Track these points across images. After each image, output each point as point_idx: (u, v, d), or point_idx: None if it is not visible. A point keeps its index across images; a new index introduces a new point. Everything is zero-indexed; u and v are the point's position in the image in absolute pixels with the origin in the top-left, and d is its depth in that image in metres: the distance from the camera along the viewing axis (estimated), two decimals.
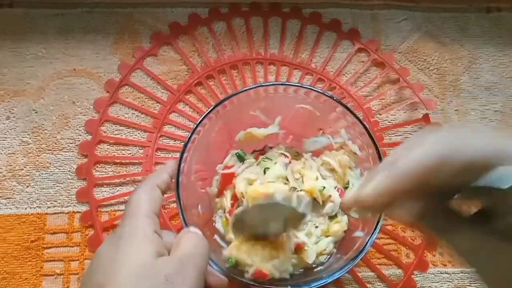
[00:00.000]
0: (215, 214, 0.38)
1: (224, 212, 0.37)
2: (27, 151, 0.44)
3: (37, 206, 0.43)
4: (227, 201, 0.37)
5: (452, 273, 0.43)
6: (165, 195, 0.31)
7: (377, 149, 0.33)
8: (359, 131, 0.35)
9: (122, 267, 0.24)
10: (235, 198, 0.37)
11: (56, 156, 0.44)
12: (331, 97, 0.35)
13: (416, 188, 0.20)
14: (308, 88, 0.36)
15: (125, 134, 0.45)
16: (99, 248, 0.26)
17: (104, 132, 0.45)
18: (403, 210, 0.21)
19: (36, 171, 0.44)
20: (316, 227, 0.36)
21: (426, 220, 0.21)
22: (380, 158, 0.33)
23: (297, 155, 0.39)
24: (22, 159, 0.44)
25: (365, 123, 0.34)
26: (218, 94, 0.47)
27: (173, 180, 0.33)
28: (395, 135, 0.47)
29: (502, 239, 0.19)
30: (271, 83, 0.37)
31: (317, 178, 0.36)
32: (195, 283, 0.25)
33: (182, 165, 0.33)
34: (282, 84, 0.37)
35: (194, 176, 0.37)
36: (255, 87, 0.35)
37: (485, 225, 0.20)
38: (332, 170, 0.38)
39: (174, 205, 0.42)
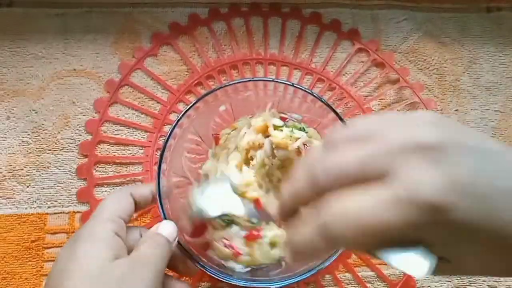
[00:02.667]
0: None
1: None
2: (27, 151, 0.44)
3: (37, 206, 0.43)
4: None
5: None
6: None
7: None
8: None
9: (76, 271, 0.24)
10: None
11: (56, 156, 0.44)
12: (306, 90, 0.35)
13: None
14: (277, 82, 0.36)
15: (125, 134, 0.45)
16: (60, 250, 0.26)
17: (104, 132, 0.45)
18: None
19: (36, 171, 0.44)
20: None
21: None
22: None
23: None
24: (22, 159, 0.44)
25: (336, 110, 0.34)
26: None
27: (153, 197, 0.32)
28: None
29: None
30: (233, 82, 0.36)
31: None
32: (151, 284, 0.24)
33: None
34: (251, 80, 0.37)
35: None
36: (217, 89, 0.35)
37: None
38: None
39: None
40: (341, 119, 0.34)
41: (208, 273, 0.30)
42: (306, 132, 0.37)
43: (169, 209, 0.32)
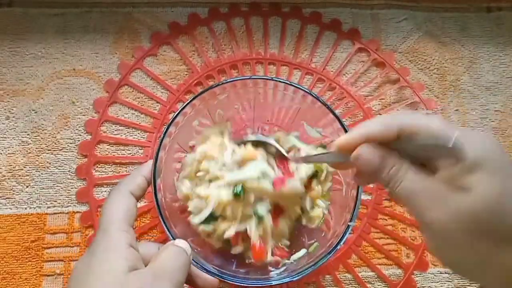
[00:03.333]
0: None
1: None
2: (26, 151, 0.44)
3: (37, 206, 0.43)
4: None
5: (452, 273, 0.43)
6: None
7: None
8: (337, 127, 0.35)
9: (93, 284, 0.24)
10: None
11: (56, 156, 0.44)
12: (308, 92, 0.35)
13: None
14: (282, 82, 0.35)
15: (124, 134, 0.45)
16: (75, 263, 0.26)
17: (104, 132, 0.45)
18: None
19: (36, 171, 0.44)
20: None
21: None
22: None
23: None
24: (22, 159, 0.44)
25: (342, 120, 0.34)
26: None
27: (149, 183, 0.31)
28: None
29: (448, 188, 0.22)
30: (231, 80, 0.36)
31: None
32: None
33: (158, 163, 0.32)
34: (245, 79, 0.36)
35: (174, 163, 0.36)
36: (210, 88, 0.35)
37: (431, 175, 0.23)
38: None
39: None
40: (339, 120, 0.34)
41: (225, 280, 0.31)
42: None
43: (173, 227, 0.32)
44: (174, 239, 0.30)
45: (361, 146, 0.24)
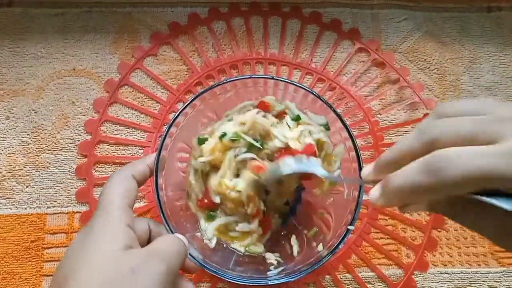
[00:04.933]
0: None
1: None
2: (26, 151, 0.44)
3: (36, 206, 0.43)
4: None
5: (452, 273, 0.43)
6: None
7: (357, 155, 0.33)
8: (339, 127, 0.35)
9: (88, 261, 0.24)
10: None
11: (55, 156, 0.44)
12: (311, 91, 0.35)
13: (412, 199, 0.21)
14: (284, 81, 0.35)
15: (124, 134, 0.45)
16: (73, 240, 0.26)
17: (104, 132, 0.45)
18: (407, 210, 0.23)
19: (36, 171, 0.44)
20: None
21: (435, 211, 0.23)
22: (359, 167, 0.33)
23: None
24: (22, 159, 0.44)
25: (344, 119, 0.34)
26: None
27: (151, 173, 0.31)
28: (396, 135, 0.47)
29: None
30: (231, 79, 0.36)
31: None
32: (162, 279, 0.24)
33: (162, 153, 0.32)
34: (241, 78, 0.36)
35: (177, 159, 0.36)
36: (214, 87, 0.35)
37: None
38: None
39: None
40: (340, 117, 0.34)
41: (209, 272, 0.31)
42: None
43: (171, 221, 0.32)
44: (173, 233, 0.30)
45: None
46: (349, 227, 0.31)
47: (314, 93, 0.35)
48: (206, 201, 0.35)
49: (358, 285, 0.42)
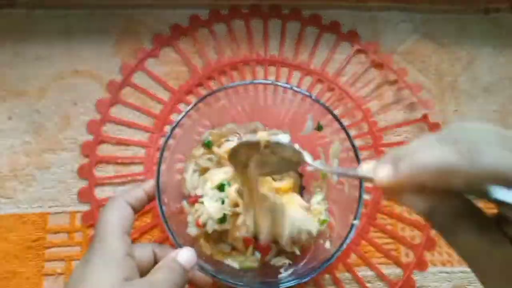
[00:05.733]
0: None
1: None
2: (29, 151, 0.44)
3: (38, 206, 0.43)
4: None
5: (452, 272, 0.43)
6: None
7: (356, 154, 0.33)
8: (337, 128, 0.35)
9: None
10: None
11: (57, 156, 0.44)
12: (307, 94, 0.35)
13: (419, 189, 0.19)
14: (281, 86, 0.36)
15: (126, 134, 0.46)
16: (72, 271, 0.26)
17: (106, 132, 0.45)
18: (410, 202, 0.21)
19: (38, 171, 0.44)
20: None
21: (432, 217, 0.21)
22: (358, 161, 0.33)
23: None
24: (24, 159, 0.44)
25: (341, 121, 0.34)
26: None
27: (150, 198, 0.32)
28: (394, 136, 0.47)
29: None
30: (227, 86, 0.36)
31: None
32: None
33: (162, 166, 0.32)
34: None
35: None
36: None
37: (495, 230, 0.19)
38: None
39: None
40: (338, 120, 0.34)
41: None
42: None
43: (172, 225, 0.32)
44: (181, 247, 0.30)
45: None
46: (354, 222, 0.31)
47: (313, 97, 0.35)
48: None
49: (357, 284, 0.42)
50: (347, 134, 0.34)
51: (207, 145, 0.39)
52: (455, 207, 0.20)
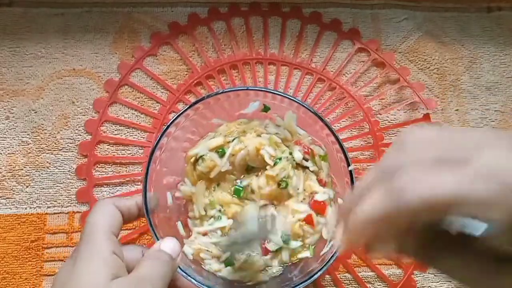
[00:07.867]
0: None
1: None
2: (26, 151, 0.44)
3: (37, 206, 0.43)
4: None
5: None
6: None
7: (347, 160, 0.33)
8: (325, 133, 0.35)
9: None
10: None
11: (55, 156, 0.44)
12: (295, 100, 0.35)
13: (375, 238, 0.20)
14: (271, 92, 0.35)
15: (125, 134, 0.45)
16: (58, 271, 0.26)
17: (104, 132, 0.45)
18: (378, 250, 0.21)
19: (36, 171, 0.44)
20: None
21: (406, 253, 0.21)
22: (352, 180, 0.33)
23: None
24: (22, 159, 0.44)
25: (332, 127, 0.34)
26: None
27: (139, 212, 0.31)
28: (396, 135, 0.47)
29: (490, 260, 0.19)
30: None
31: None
32: None
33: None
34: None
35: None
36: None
37: (470, 248, 0.19)
38: None
39: None
40: (330, 128, 0.34)
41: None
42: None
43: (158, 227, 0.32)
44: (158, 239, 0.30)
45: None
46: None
47: (305, 105, 0.35)
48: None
49: (358, 284, 0.42)
50: (336, 137, 0.34)
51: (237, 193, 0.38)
52: (421, 238, 0.20)
